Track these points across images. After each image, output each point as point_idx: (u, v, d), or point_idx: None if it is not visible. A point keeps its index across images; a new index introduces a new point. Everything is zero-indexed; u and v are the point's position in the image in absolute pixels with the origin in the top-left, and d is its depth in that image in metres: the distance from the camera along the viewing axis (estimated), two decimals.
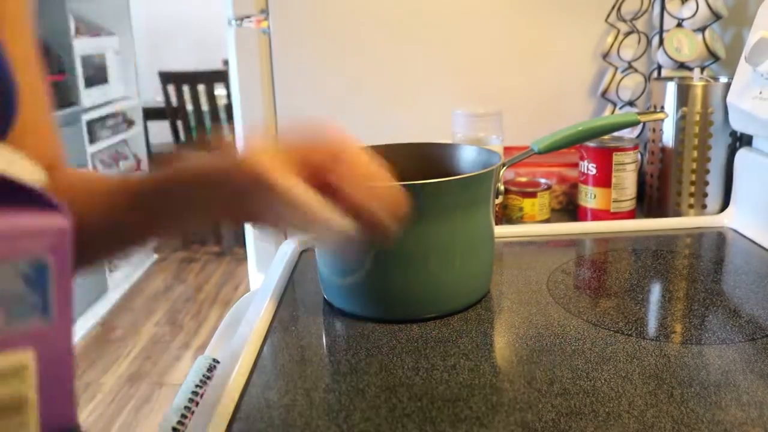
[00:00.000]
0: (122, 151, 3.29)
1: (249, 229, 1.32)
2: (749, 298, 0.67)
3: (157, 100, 3.68)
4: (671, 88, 0.96)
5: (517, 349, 0.59)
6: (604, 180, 0.96)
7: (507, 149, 1.03)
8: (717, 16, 1.03)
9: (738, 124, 0.91)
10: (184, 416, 0.58)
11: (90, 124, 2.91)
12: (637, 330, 0.61)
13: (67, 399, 0.35)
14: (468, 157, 0.74)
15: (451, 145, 0.78)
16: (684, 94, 0.94)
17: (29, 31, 0.54)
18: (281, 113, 1.25)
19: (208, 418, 0.49)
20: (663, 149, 0.98)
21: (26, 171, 0.38)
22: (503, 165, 0.72)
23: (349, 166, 0.49)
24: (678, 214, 0.98)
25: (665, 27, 1.07)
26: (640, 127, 1.11)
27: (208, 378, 0.64)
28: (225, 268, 3.49)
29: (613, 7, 1.13)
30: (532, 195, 0.98)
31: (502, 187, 0.74)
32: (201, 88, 3.25)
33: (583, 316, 0.65)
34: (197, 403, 0.58)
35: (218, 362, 0.67)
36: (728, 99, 0.91)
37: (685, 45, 1.04)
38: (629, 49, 1.13)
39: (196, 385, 0.62)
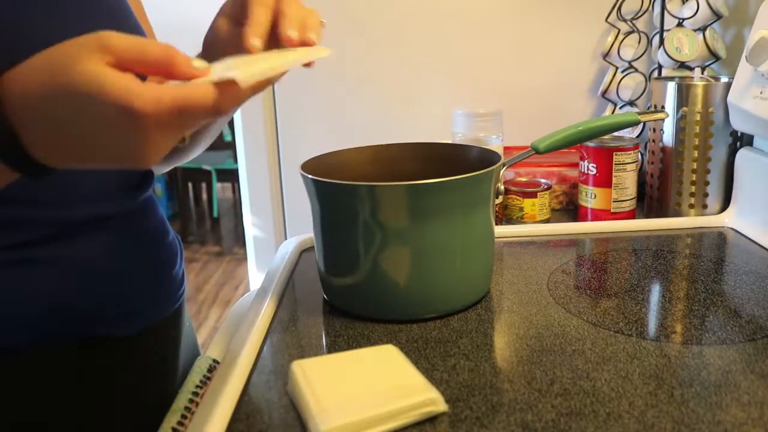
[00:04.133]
0: None
1: (248, 227, 1.32)
2: (749, 298, 0.67)
3: None
4: (672, 87, 0.95)
5: (517, 349, 0.59)
6: (604, 180, 0.96)
7: (507, 149, 1.03)
8: (718, 16, 1.03)
9: (739, 124, 0.91)
10: (184, 416, 0.58)
11: None
12: (638, 330, 0.61)
13: None
14: (468, 157, 0.74)
15: (452, 144, 0.78)
16: (684, 94, 0.94)
17: None
18: (281, 113, 1.25)
19: (208, 418, 0.49)
20: (663, 149, 0.98)
21: None
22: (503, 165, 0.72)
23: None
24: (678, 214, 0.98)
25: (666, 27, 1.07)
26: (640, 127, 1.11)
27: (209, 378, 0.64)
28: (225, 268, 3.49)
29: (614, 7, 1.13)
30: (532, 195, 0.98)
31: (502, 187, 0.74)
32: None
33: (583, 316, 0.65)
34: (197, 404, 0.58)
35: (218, 362, 0.67)
36: (729, 99, 0.91)
37: (686, 45, 1.04)
38: (629, 49, 1.13)
39: (197, 386, 0.62)
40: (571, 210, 1.08)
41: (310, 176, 0.64)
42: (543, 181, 1.03)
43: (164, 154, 0.42)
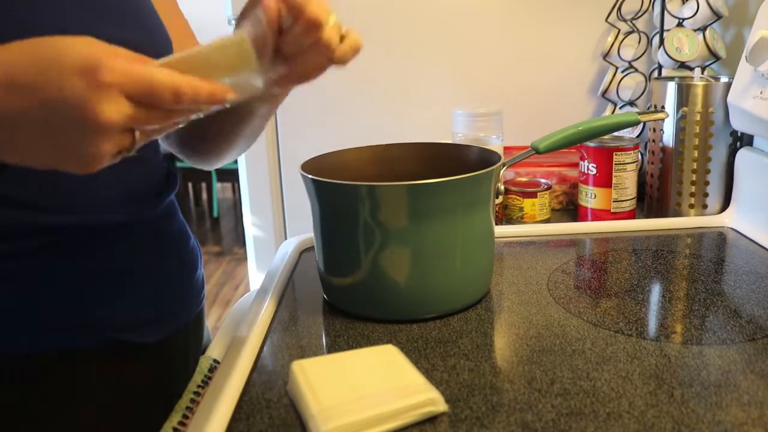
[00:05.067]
0: None
1: (248, 227, 1.32)
2: (749, 298, 0.67)
3: None
4: (672, 87, 0.95)
5: (517, 349, 0.59)
6: (604, 180, 0.96)
7: (507, 149, 1.03)
8: (718, 16, 1.03)
9: (739, 124, 0.91)
10: (185, 416, 0.58)
11: None
12: (638, 330, 0.61)
13: None
14: (468, 157, 0.74)
15: (452, 144, 0.78)
16: (684, 94, 0.94)
17: None
18: (281, 113, 1.25)
19: (208, 418, 0.49)
20: (663, 149, 0.98)
21: None
22: (503, 165, 0.72)
23: None
24: (678, 214, 0.98)
25: (666, 27, 1.07)
26: (640, 127, 1.11)
27: (210, 378, 0.64)
28: (225, 268, 3.49)
29: (614, 7, 1.13)
30: (532, 195, 0.98)
31: (502, 187, 0.74)
32: None
33: (583, 316, 0.65)
34: (198, 403, 0.58)
35: (218, 362, 0.67)
36: (729, 99, 0.91)
37: (686, 45, 1.04)
38: (629, 49, 1.13)
39: (198, 386, 0.62)
40: (571, 210, 1.08)
41: (310, 176, 0.64)
42: (543, 181, 1.03)
43: (114, 149, 0.41)
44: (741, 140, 0.96)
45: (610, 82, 1.15)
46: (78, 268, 0.55)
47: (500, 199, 0.99)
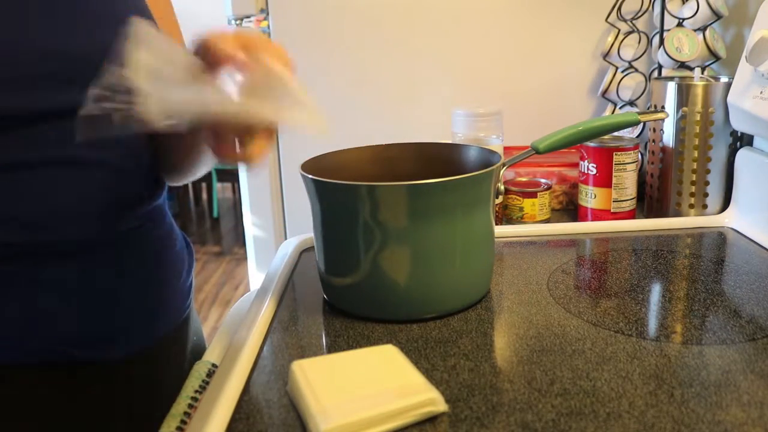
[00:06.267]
0: None
1: (248, 227, 1.32)
2: (750, 298, 0.67)
3: None
4: (672, 87, 0.95)
5: (517, 349, 0.59)
6: (604, 180, 0.96)
7: (507, 149, 1.03)
8: (718, 16, 1.03)
9: (739, 124, 0.91)
10: (183, 422, 0.58)
11: None
12: (638, 330, 0.61)
13: None
14: (468, 157, 0.74)
15: (452, 144, 0.78)
16: (684, 94, 0.94)
17: None
18: None
19: (208, 418, 0.49)
20: (663, 149, 0.98)
21: None
22: (503, 165, 0.72)
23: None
24: (678, 214, 0.98)
25: (666, 26, 1.07)
26: (640, 126, 1.11)
27: (207, 383, 0.64)
28: (225, 268, 3.49)
29: (614, 7, 1.13)
30: (532, 195, 0.98)
31: (502, 187, 0.74)
32: None
33: (583, 316, 0.65)
34: (196, 408, 0.58)
35: (217, 367, 0.66)
36: (729, 99, 0.91)
37: (686, 45, 1.04)
38: (629, 49, 1.13)
39: (196, 391, 0.62)
40: (571, 210, 1.08)
41: (310, 176, 0.64)
42: (543, 181, 1.03)
43: None
44: (741, 140, 0.96)
45: (610, 82, 1.15)
46: (37, 282, 0.54)
47: (500, 199, 0.99)
